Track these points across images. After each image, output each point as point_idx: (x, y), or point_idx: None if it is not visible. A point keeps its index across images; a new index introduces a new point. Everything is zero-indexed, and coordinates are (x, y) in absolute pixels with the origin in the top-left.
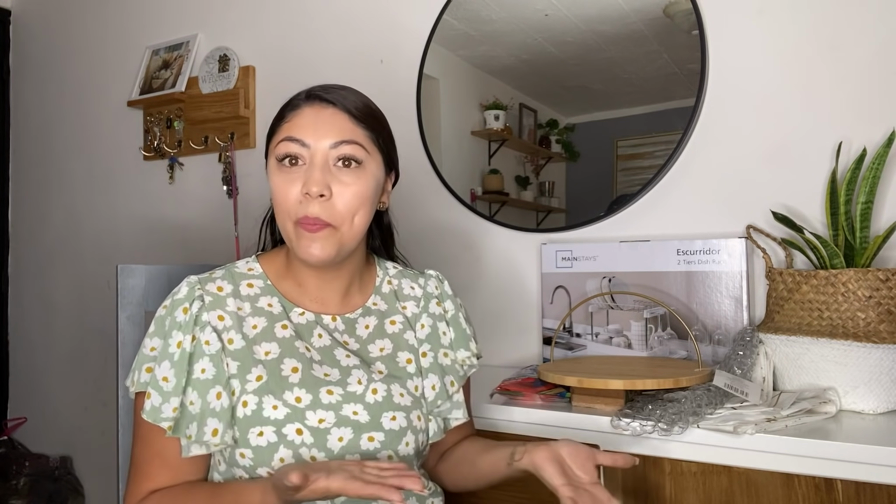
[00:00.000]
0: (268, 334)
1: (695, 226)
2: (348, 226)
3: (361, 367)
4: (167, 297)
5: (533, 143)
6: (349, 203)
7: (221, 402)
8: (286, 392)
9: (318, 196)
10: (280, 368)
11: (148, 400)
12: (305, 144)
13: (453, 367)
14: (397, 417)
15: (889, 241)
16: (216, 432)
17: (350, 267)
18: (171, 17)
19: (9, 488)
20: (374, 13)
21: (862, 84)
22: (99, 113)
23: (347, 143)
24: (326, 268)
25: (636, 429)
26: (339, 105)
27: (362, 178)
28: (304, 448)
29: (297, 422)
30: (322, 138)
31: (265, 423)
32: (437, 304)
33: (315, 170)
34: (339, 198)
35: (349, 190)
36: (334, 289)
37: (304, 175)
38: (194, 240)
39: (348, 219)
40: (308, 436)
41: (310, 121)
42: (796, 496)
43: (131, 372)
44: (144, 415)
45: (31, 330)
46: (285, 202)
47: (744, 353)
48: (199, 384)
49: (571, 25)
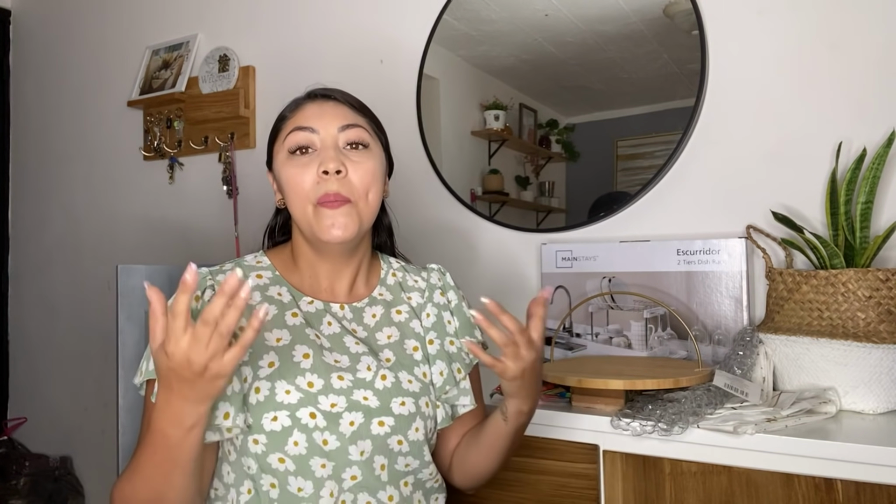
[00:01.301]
0: (279, 322)
1: (695, 226)
2: (364, 202)
3: (370, 355)
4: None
5: (533, 143)
6: (363, 178)
7: (232, 386)
8: (298, 377)
9: (335, 172)
10: (292, 354)
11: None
12: (315, 131)
13: (459, 355)
14: (406, 403)
15: (889, 241)
16: (228, 416)
17: (359, 256)
18: (170, 17)
19: (9, 488)
20: (374, 13)
21: (862, 84)
22: (99, 113)
23: (353, 127)
24: (338, 256)
25: (636, 429)
26: (339, 99)
27: (371, 158)
28: (318, 432)
29: (310, 406)
30: (329, 124)
31: (279, 408)
32: (441, 295)
33: (329, 149)
34: (353, 174)
35: (361, 167)
36: (343, 278)
37: (317, 158)
38: (194, 240)
39: (364, 195)
40: (321, 419)
41: (315, 112)
42: (796, 496)
43: (140, 364)
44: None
45: (31, 330)
46: (301, 187)
47: (744, 353)
48: None
49: (571, 25)
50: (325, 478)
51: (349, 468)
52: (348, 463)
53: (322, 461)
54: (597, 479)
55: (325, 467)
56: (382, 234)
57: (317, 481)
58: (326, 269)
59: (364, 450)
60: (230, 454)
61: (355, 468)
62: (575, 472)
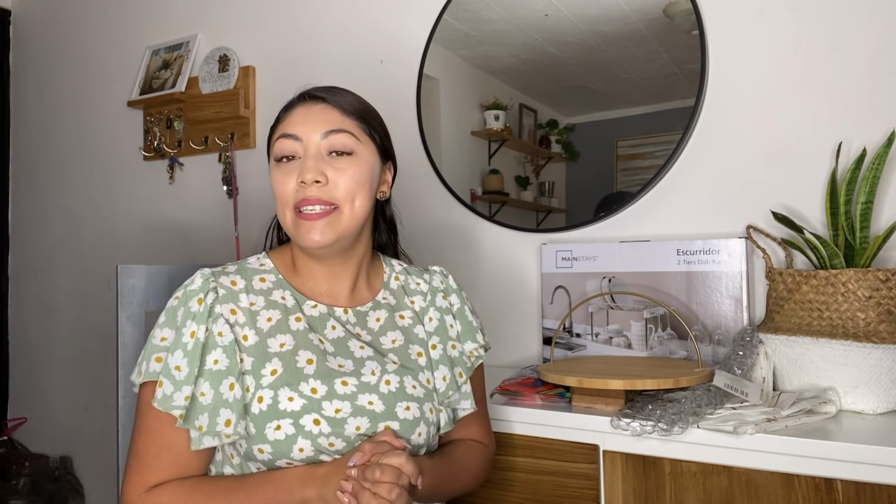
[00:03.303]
0: (282, 326)
1: (695, 226)
2: (349, 207)
3: (375, 359)
4: (178, 289)
5: (533, 143)
6: (347, 185)
7: (234, 392)
8: (302, 383)
9: (312, 182)
10: (295, 360)
11: (159, 388)
12: (298, 138)
13: (461, 359)
14: (411, 408)
15: (889, 241)
16: (229, 423)
17: (356, 260)
18: (170, 17)
19: (9, 488)
20: (374, 13)
21: (862, 84)
22: (99, 113)
23: (336, 133)
24: (332, 259)
25: (636, 429)
26: (329, 101)
27: (356, 165)
28: (322, 437)
29: (313, 412)
30: (312, 131)
31: (282, 417)
32: (444, 298)
33: (308, 159)
34: (337, 181)
35: (345, 174)
36: (342, 282)
37: (299, 166)
38: (194, 240)
39: (349, 201)
40: (325, 425)
41: (301, 117)
42: (796, 496)
43: (138, 364)
44: (155, 403)
45: (31, 330)
46: (283, 194)
47: (744, 353)
48: (211, 375)
49: (571, 25)
50: None
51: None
52: None
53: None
54: (597, 479)
55: None
56: (383, 234)
57: None
58: (323, 273)
59: None
60: (233, 458)
61: None
62: (575, 472)
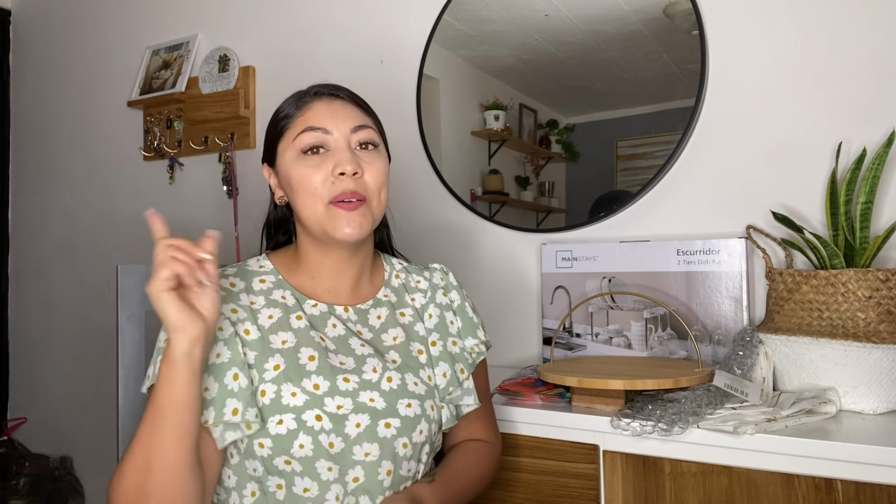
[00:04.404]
0: (283, 324)
1: (695, 226)
2: (377, 201)
3: (376, 356)
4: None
5: (533, 143)
6: (376, 178)
7: (239, 382)
8: (304, 379)
9: (352, 174)
10: (297, 357)
11: None
12: (328, 131)
13: (462, 355)
14: (412, 405)
15: (889, 241)
16: (236, 412)
17: (362, 256)
18: (170, 17)
19: (9, 488)
20: (374, 13)
21: (862, 84)
22: (99, 113)
23: (364, 128)
24: (344, 252)
25: (636, 429)
26: (346, 98)
27: (381, 159)
28: (324, 434)
29: (316, 408)
30: (342, 125)
31: (284, 411)
32: (444, 295)
33: (344, 151)
34: (367, 175)
35: (373, 167)
36: (347, 278)
37: (330, 159)
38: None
39: (377, 194)
40: (327, 422)
41: (326, 111)
42: (796, 496)
43: (147, 371)
44: None
45: (31, 330)
46: (314, 187)
47: (744, 353)
48: (214, 368)
49: (571, 25)
50: (332, 481)
51: (352, 469)
52: (352, 464)
53: (328, 464)
54: (597, 479)
55: (332, 470)
56: (382, 231)
57: (322, 484)
58: (330, 269)
59: (370, 452)
60: (232, 457)
61: (358, 469)
62: (575, 473)
